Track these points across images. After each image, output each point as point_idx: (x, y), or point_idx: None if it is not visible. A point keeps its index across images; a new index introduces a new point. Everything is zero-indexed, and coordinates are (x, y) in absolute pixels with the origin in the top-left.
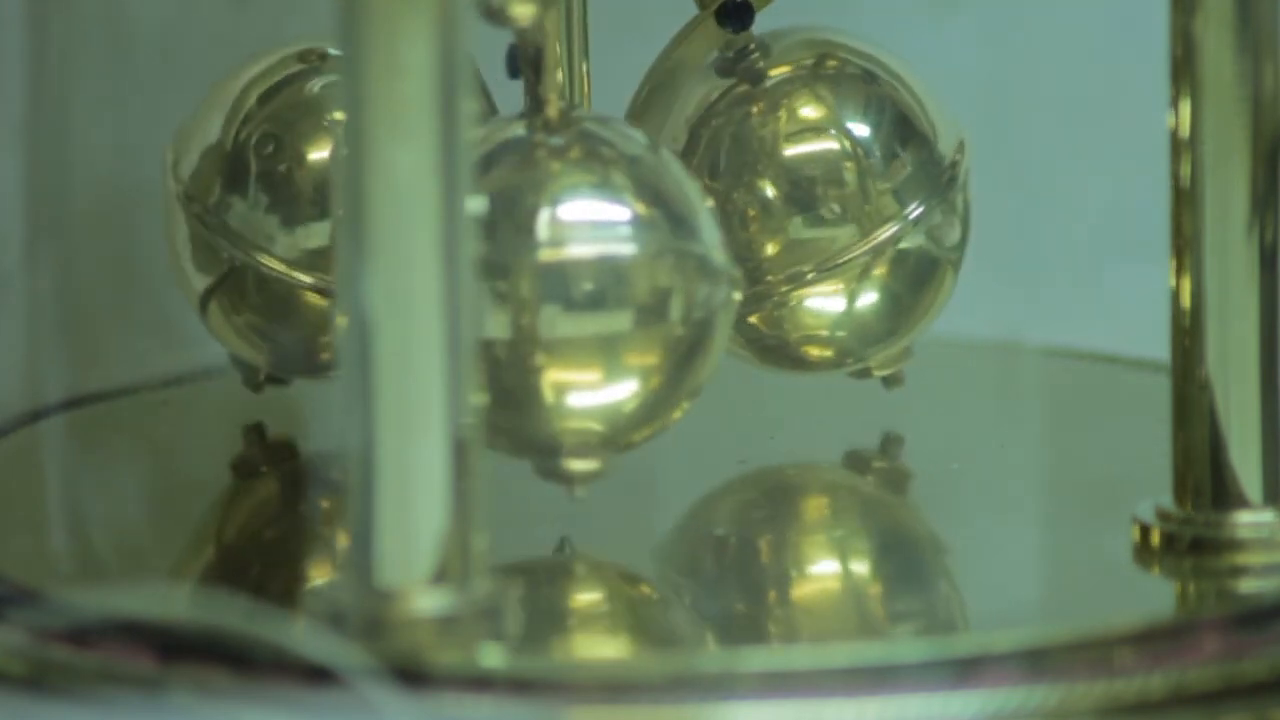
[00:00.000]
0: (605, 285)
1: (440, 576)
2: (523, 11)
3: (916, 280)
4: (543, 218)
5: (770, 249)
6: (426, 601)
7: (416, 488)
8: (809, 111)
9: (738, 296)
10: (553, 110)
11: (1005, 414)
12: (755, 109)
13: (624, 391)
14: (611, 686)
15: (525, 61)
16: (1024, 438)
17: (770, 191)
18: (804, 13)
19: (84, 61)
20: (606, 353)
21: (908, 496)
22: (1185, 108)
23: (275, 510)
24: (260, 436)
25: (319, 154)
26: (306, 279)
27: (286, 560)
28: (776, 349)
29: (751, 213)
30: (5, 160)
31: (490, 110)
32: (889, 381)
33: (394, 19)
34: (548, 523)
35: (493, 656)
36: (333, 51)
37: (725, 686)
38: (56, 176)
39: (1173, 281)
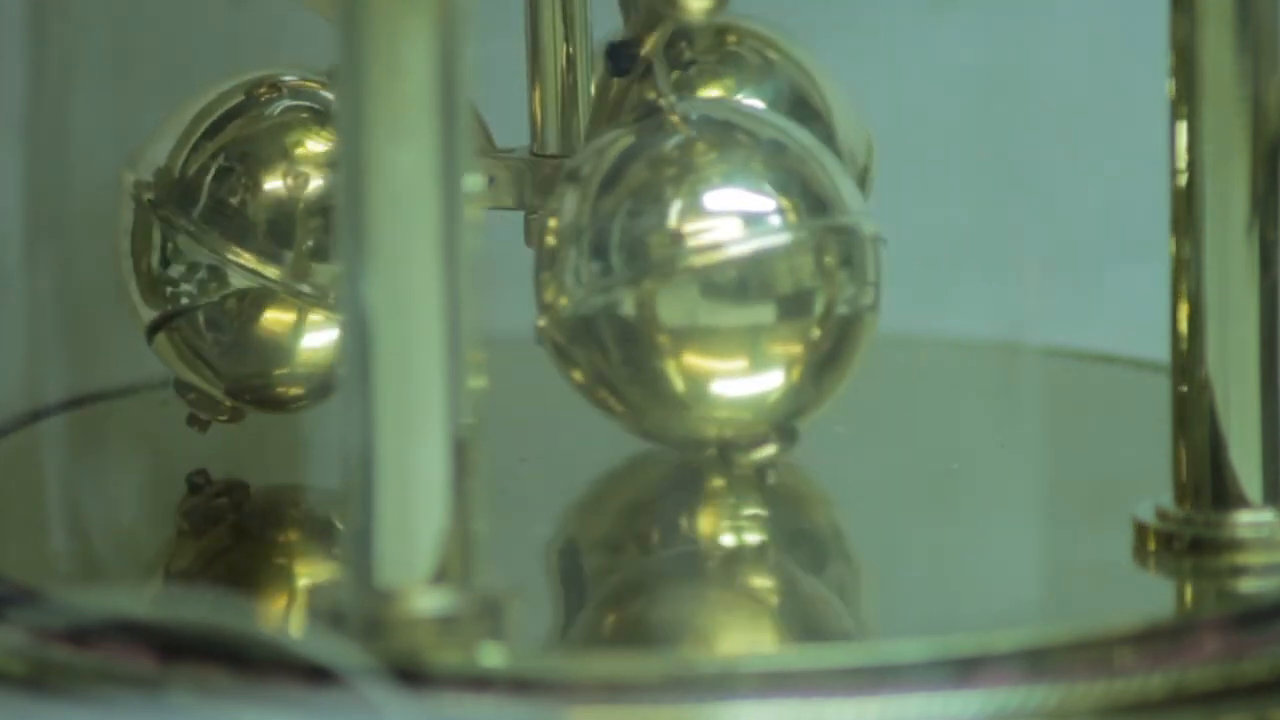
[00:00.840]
0: (753, 276)
1: (440, 576)
2: (699, 5)
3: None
4: (688, 211)
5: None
6: (426, 601)
7: (416, 488)
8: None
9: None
10: (669, 105)
11: (1005, 414)
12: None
13: (772, 382)
14: (611, 686)
15: (640, 60)
16: (1024, 438)
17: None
18: (804, 12)
19: (84, 62)
20: (752, 344)
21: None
22: (1185, 108)
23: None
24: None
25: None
26: (274, 276)
27: (285, 560)
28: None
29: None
30: (5, 160)
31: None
32: (765, 473)
33: (394, 19)
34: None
35: (493, 656)
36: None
37: (725, 686)
38: (56, 176)
39: (1172, 281)
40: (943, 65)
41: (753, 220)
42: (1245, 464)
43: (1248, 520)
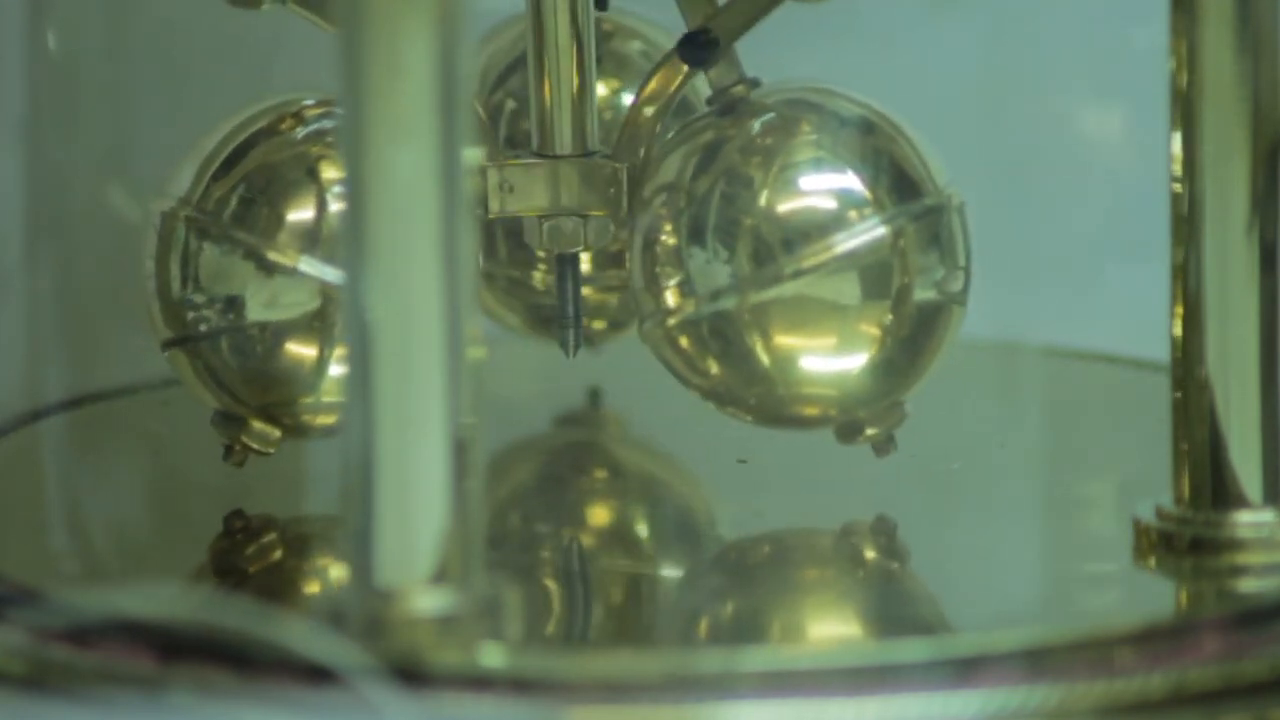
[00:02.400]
0: (850, 262)
1: (440, 576)
2: None
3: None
4: (790, 206)
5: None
6: (426, 601)
7: (417, 488)
8: (791, 146)
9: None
10: (744, 91)
11: (1005, 414)
12: (733, 137)
13: (861, 360)
14: (611, 686)
15: (715, 47)
16: (1024, 438)
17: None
18: (805, 19)
19: (84, 61)
20: (842, 323)
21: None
22: (1185, 108)
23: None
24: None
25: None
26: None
27: (286, 561)
28: (767, 406)
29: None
30: (5, 160)
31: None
32: (879, 449)
33: (394, 19)
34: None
35: (493, 656)
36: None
37: (725, 686)
38: (56, 177)
39: (1172, 281)
40: (943, 65)
41: (854, 214)
42: (1245, 464)
43: (1247, 520)
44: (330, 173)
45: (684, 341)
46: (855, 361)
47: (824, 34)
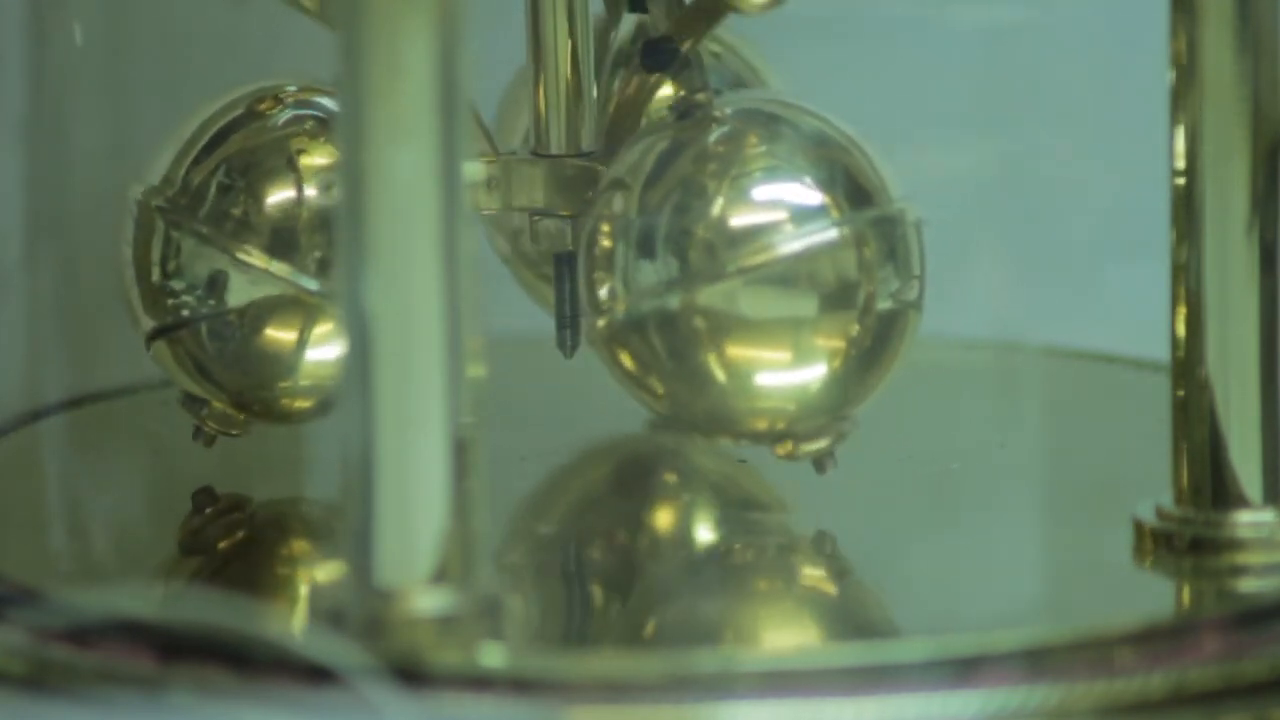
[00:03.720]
0: (799, 271)
1: (440, 576)
2: (757, 1)
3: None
4: (736, 211)
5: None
6: (426, 601)
7: (416, 487)
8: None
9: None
10: (705, 99)
11: (1005, 414)
12: (690, 141)
13: (815, 373)
14: (611, 686)
15: (676, 55)
16: (1024, 438)
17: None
18: (804, 11)
19: (84, 61)
20: (795, 336)
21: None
22: (1185, 108)
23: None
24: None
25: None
26: (284, 274)
27: (285, 560)
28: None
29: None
30: (5, 160)
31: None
32: (819, 464)
33: (394, 19)
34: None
35: (493, 656)
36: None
37: (725, 686)
38: (56, 176)
39: (1172, 281)
40: (942, 65)
41: (801, 217)
42: (1245, 464)
43: (1247, 520)
44: (308, 161)
45: (625, 343)
46: (804, 373)
47: (825, 33)
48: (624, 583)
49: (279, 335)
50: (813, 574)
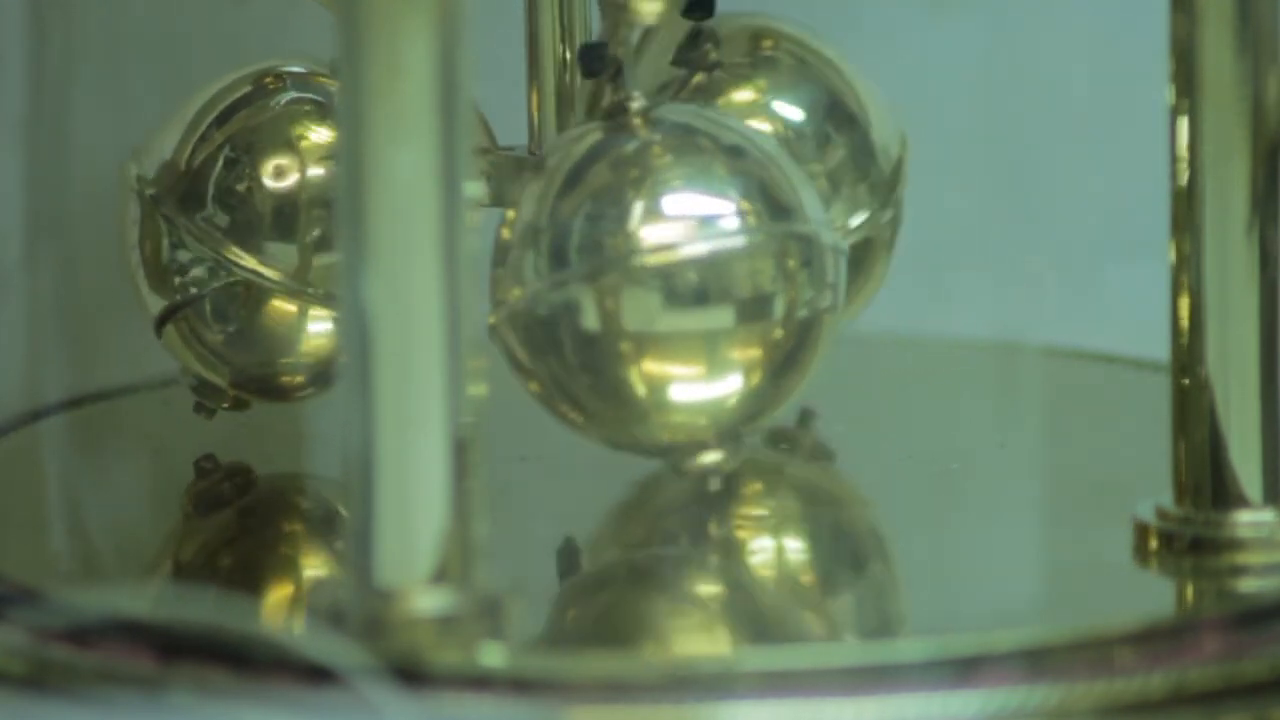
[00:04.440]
0: (710, 280)
1: (440, 576)
2: (650, 9)
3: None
4: (645, 212)
5: None
6: (426, 601)
7: (416, 487)
8: (742, 97)
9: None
10: (638, 107)
11: (1005, 414)
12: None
13: (730, 386)
14: (611, 686)
15: (609, 61)
16: (1024, 438)
17: None
18: (804, 12)
19: (84, 60)
20: (710, 348)
21: (832, 468)
22: (1185, 108)
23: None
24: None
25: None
26: (275, 276)
27: (286, 559)
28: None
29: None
30: (5, 159)
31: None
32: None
33: (394, 19)
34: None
35: (493, 656)
36: (293, 70)
37: (725, 686)
38: (56, 175)
39: (1172, 281)
40: (943, 65)
41: (709, 222)
42: (1245, 463)
43: (1248, 520)
44: (306, 142)
45: (520, 335)
46: (711, 386)
47: (825, 33)
48: (618, 581)
49: (281, 311)
50: (815, 573)
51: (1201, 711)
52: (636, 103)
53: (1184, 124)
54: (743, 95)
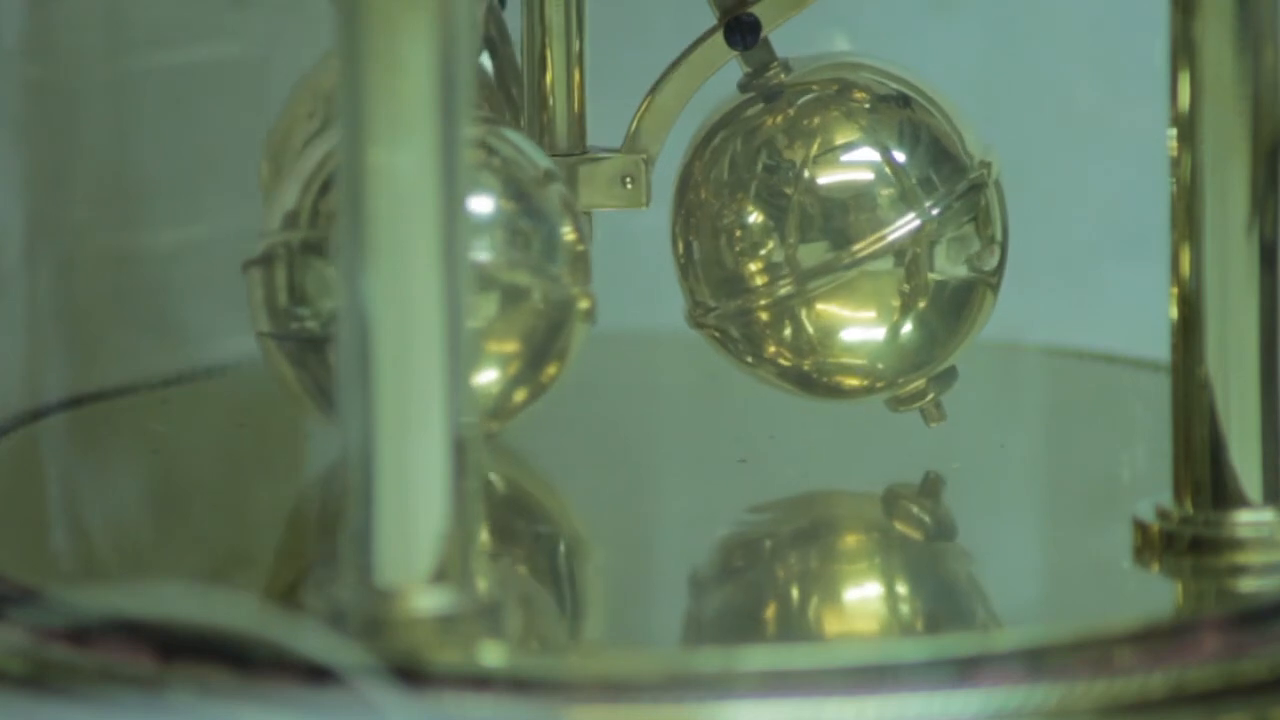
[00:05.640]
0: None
1: (440, 576)
2: None
3: (954, 308)
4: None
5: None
6: (426, 601)
7: (416, 487)
8: (834, 131)
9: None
10: (780, 74)
11: (1005, 413)
12: (776, 123)
13: (908, 330)
14: (611, 686)
15: (759, 29)
16: (1024, 437)
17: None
18: (802, 18)
19: (84, 62)
20: (885, 297)
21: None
22: (1185, 106)
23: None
24: None
25: None
26: None
27: (286, 559)
28: (811, 378)
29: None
30: (5, 161)
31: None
32: (927, 415)
33: (394, 18)
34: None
35: (492, 656)
36: None
37: (725, 686)
38: (56, 176)
39: (1172, 280)
40: (942, 65)
41: (899, 202)
42: (1245, 463)
43: (1247, 519)
44: None
45: (738, 330)
46: (897, 332)
47: (824, 34)
48: (624, 578)
49: None
50: (815, 572)
51: (1201, 711)
52: (776, 70)
53: (1184, 122)
54: (832, 130)
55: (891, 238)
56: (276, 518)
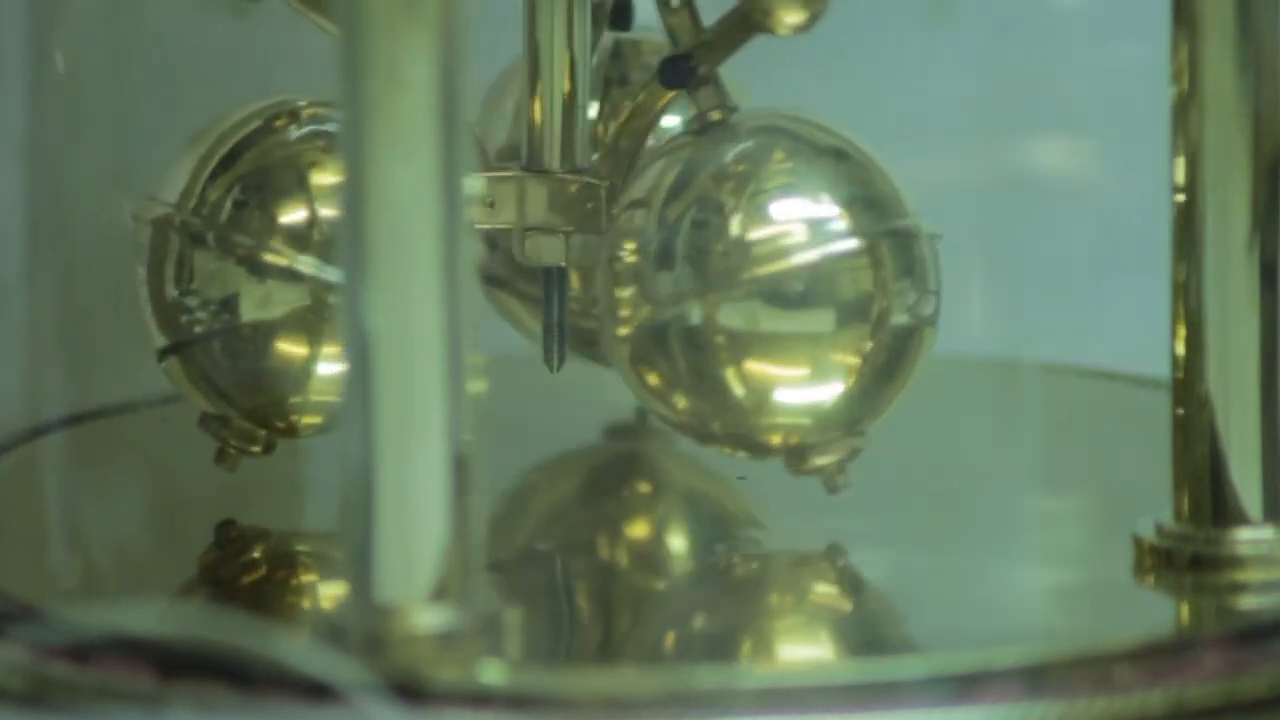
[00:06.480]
0: (816, 284)
1: (440, 593)
2: (795, 20)
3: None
4: (753, 221)
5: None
6: (426, 617)
7: (416, 504)
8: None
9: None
10: (721, 117)
11: (1005, 431)
12: (705, 156)
13: (831, 389)
14: (610, 703)
15: (699, 73)
16: (1024, 455)
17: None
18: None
19: (85, 74)
20: (814, 349)
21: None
22: (1186, 123)
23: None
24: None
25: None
26: (309, 267)
27: (285, 577)
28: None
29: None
30: (6, 174)
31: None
32: (829, 481)
33: (395, 32)
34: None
35: (492, 673)
36: (303, 105)
37: (724, 703)
38: (57, 190)
39: (1173, 298)
40: (942, 78)
41: (817, 229)
42: (1245, 481)
43: (1247, 537)
44: (323, 175)
45: (644, 354)
46: (820, 389)
47: (824, 41)
48: (622, 598)
49: (291, 350)
50: (816, 589)
51: None
52: (723, 113)
53: (1185, 140)
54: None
55: (799, 259)
56: (274, 535)
